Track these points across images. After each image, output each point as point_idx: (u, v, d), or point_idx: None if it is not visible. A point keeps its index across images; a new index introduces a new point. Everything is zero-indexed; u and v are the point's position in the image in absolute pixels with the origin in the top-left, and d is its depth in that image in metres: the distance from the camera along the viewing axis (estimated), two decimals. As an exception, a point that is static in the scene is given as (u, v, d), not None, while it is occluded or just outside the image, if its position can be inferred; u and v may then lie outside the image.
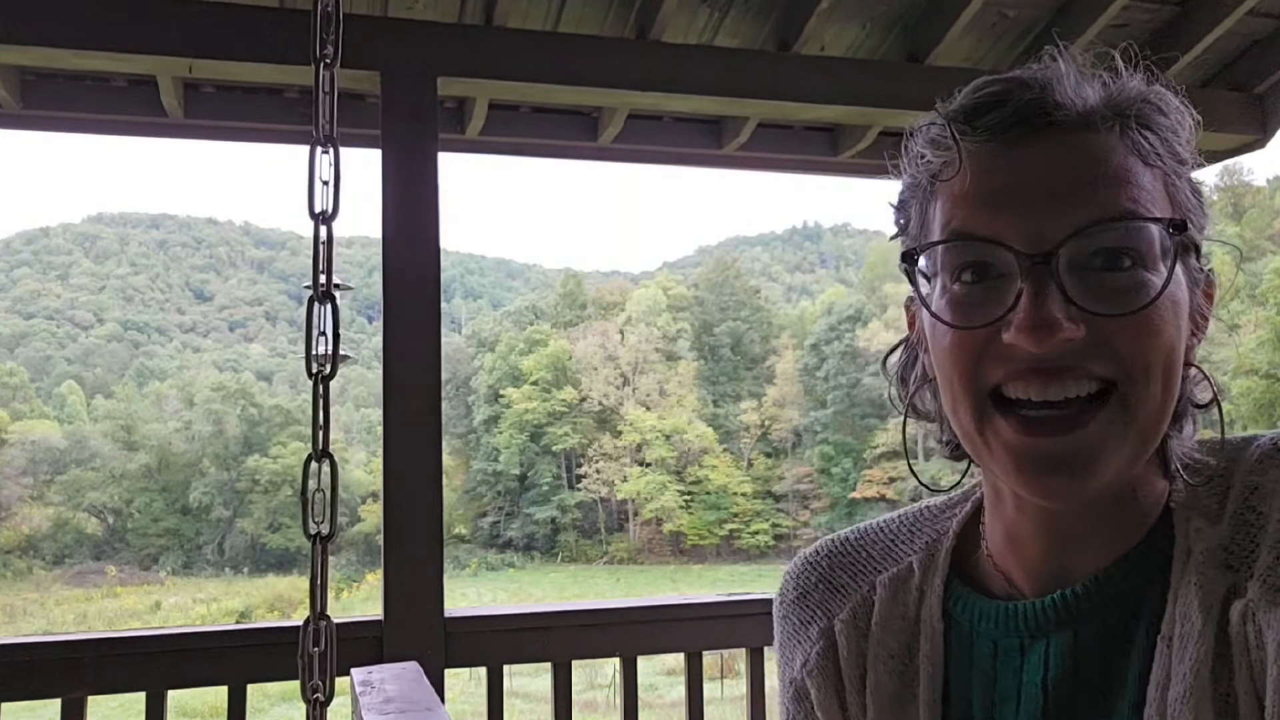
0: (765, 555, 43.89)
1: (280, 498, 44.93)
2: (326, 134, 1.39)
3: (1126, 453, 0.67)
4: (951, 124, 0.70)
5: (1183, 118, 0.72)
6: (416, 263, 2.28)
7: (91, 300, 72.07)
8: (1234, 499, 0.69)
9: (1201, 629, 0.65)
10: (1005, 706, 0.74)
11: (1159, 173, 0.69)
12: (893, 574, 0.83)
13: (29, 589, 37.96)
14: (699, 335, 52.12)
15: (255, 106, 2.60)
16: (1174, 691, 0.65)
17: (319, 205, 1.41)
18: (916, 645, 0.79)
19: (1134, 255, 0.66)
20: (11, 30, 2.14)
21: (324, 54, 1.42)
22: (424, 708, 0.95)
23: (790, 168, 3.16)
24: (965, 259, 0.69)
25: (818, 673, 0.84)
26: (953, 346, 0.69)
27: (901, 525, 0.87)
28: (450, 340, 55.67)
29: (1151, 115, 0.70)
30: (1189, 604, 0.66)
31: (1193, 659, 0.64)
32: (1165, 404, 0.68)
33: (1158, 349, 0.66)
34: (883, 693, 0.79)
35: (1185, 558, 0.68)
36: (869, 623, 0.82)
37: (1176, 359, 0.68)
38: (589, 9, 2.49)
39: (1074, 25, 2.68)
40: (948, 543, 0.82)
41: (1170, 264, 0.66)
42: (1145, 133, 0.69)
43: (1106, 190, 0.66)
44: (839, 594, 0.85)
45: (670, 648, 2.39)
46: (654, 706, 14.34)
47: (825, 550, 0.89)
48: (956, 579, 0.80)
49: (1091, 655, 0.71)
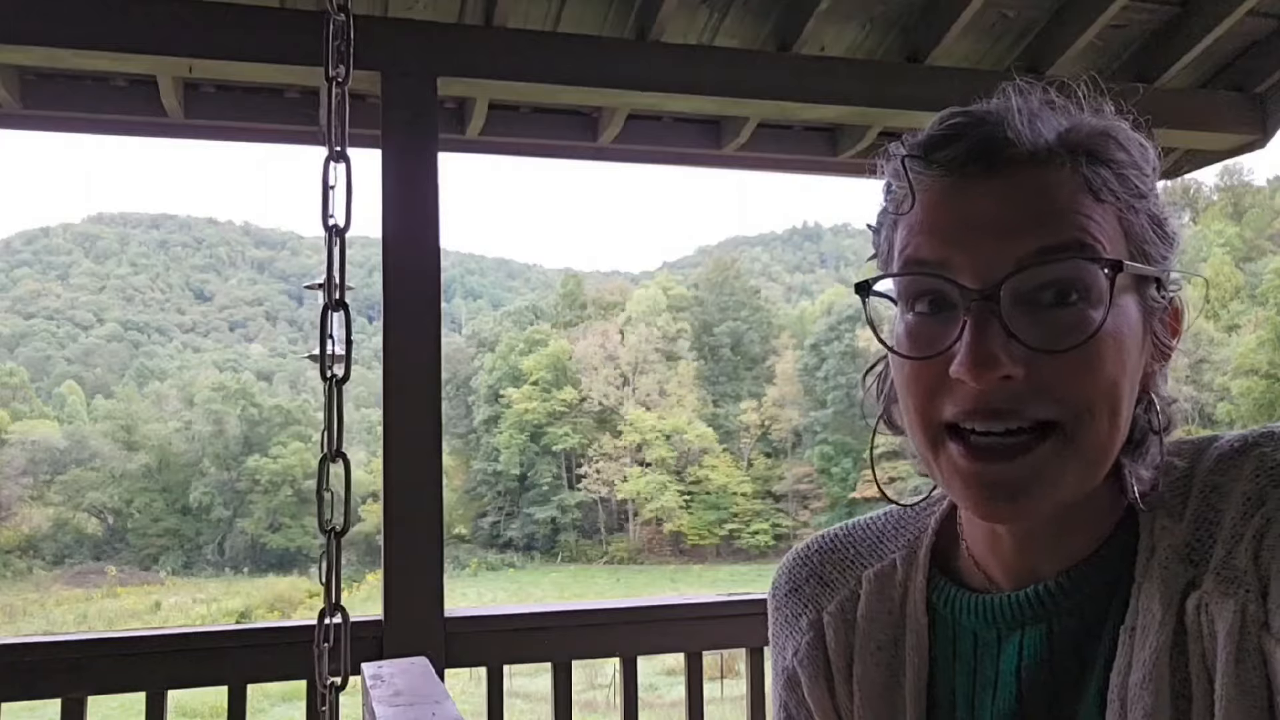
0: (765, 555, 43.91)
1: (280, 498, 44.98)
2: (339, 150, 1.43)
3: (1070, 480, 0.69)
4: (907, 159, 0.72)
5: (1144, 151, 0.73)
6: (416, 263, 2.28)
7: (92, 300, 72.12)
8: (1194, 498, 0.72)
9: (1161, 619, 0.68)
10: (984, 694, 0.77)
11: (1110, 208, 0.70)
12: (878, 569, 0.86)
13: (29, 589, 38.00)
14: (699, 335, 52.17)
15: (255, 106, 2.60)
16: (1134, 677, 0.68)
17: (332, 219, 1.45)
18: (902, 637, 0.82)
19: (1079, 290, 0.67)
20: (12, 30, 2.14)
21: (335, 73, 1.45)
22: (433, 700, 0.96)
23: (790, 168, 3.16)
24: (919, 289, 0.71)
25: (808, 662, 0.87)
26: (909, 376, 0.72)
27: (887, 522, 0.90)
28: (450, 340, 55.70)
29: (1107, 150, 0.71)
30: (1151, 597, 0.70)
31: (1152, 648, 0.68)
32: (1111, 436, 0.69)
33: (1098, 386, 0.67)
34: (870, 682, 0.83)
35: (1149, 554, 0.72)
36: (855, 615, 0.86)
37: (1120, 393, 0.69)
38: (589, 9, 2.49)
39: (1073, 26, 2.68)
40: (927, 539, 0.85)
41: (1109, 300, 0.67)
42: (1099, 168, 0.70)
43: (1053, 224, 0.67)
44: (828, 588, 0.89)
45: (670, 648, 2.39)
46: (654, 706, 14.36)
47: (816, 546, 0.93)
48: (939, 573, 0.83)
49: (1063, 646, 0.74)
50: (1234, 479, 0.70)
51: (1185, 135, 2.91)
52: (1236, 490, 0.70)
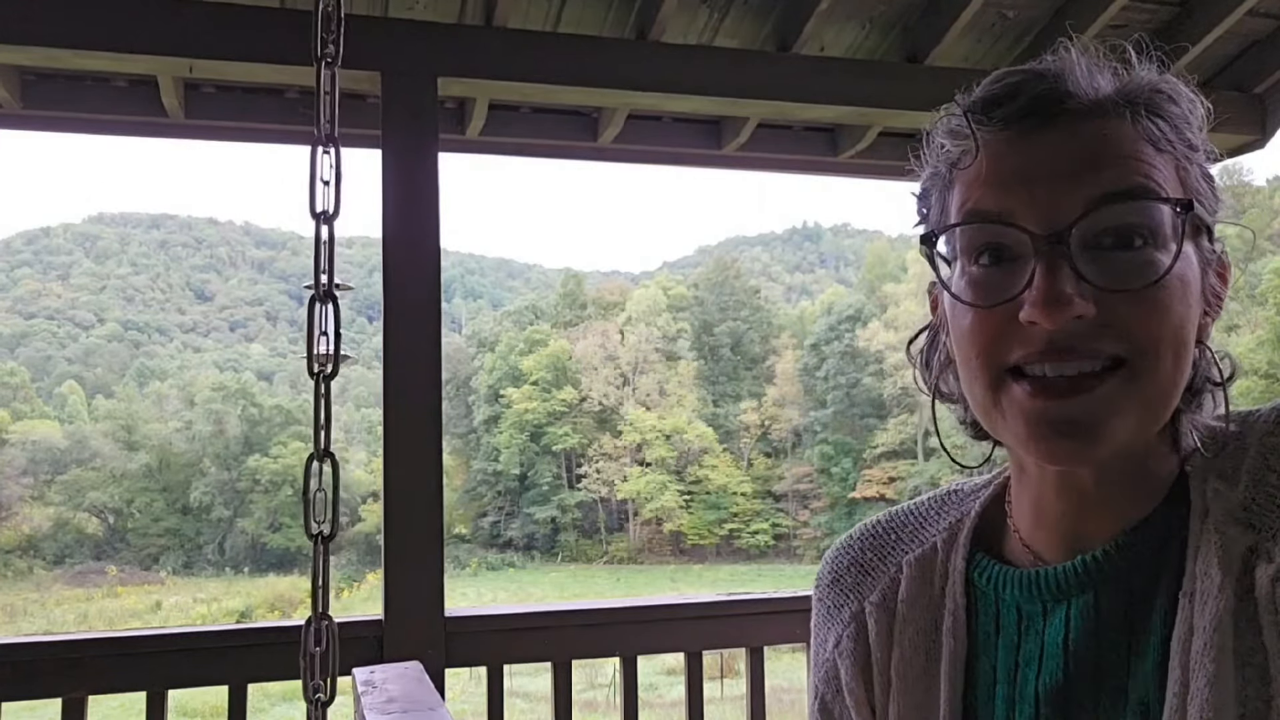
0: (765, 555, 43.88)
1: (281, 497, 44.91)
2: (328, 134, 1.39)
3: (1133, 420, 0.69)
4: (969, 114, 0.72)
5: (1194, 107, 0.74)
6: (417, 263, 2.28)
7: (92, 300, 72.08)
8: (1251, 460, 0.71)
9: (1221, 583, 0.67)
10: (1028, 669, 0.75)
11: (1170, 157, 0.71)
12: (918, 554, 0.86)
13: (29, 589, 37.96)
14: (699, 335, 52.12)
15: (255, 107, 2.60)
16: (1196, 644, 0.66)
17: (320, 205, 1.41)
18: (941, 620, 0.82)
19: (1145, 234, 0.68)
20: (12, 30, 2.14)
21: (325, 53, 1.42)
22: (426, 707, 0.95)
23: (790, 168, 3.16)
24: (982, 240, 0.72)
25: (848, 653, 0.87)
26: (972, 326, 0.72)
27: (930, 508, 0.90)
28: (450, 340, 55.68)
29: (1162, 104, 0.72)
30: (1209, 561, 0.68)
31: (1213, 613, 0.66)
32: (1175, 378, 0.69)
33: (1166, 326, 0.68)
34: (908, 667, 0.82)
35: (1203, 518, 0.70)
36: (896, 602, 0.85)
37: (1186, 336, 0.70)
38: (589, 9, 2.49)
39: (1073, 25, 2.67)
40: (970, 522, 0.85)
41: (1179, 242, 0.68)
42: (1156, 119, 0.71)
43: (1117, 169, 0.68)
44: (870, 577, 0.88)
45: (670, 647, 2.39)
46: (654, 706, 14.34)
47: (858, 535, 0.93)
48: (982, 554, 0.83)
49: (1112, 616, 0.73)
50: None
51: (1185, 135, 2.90)
52: None
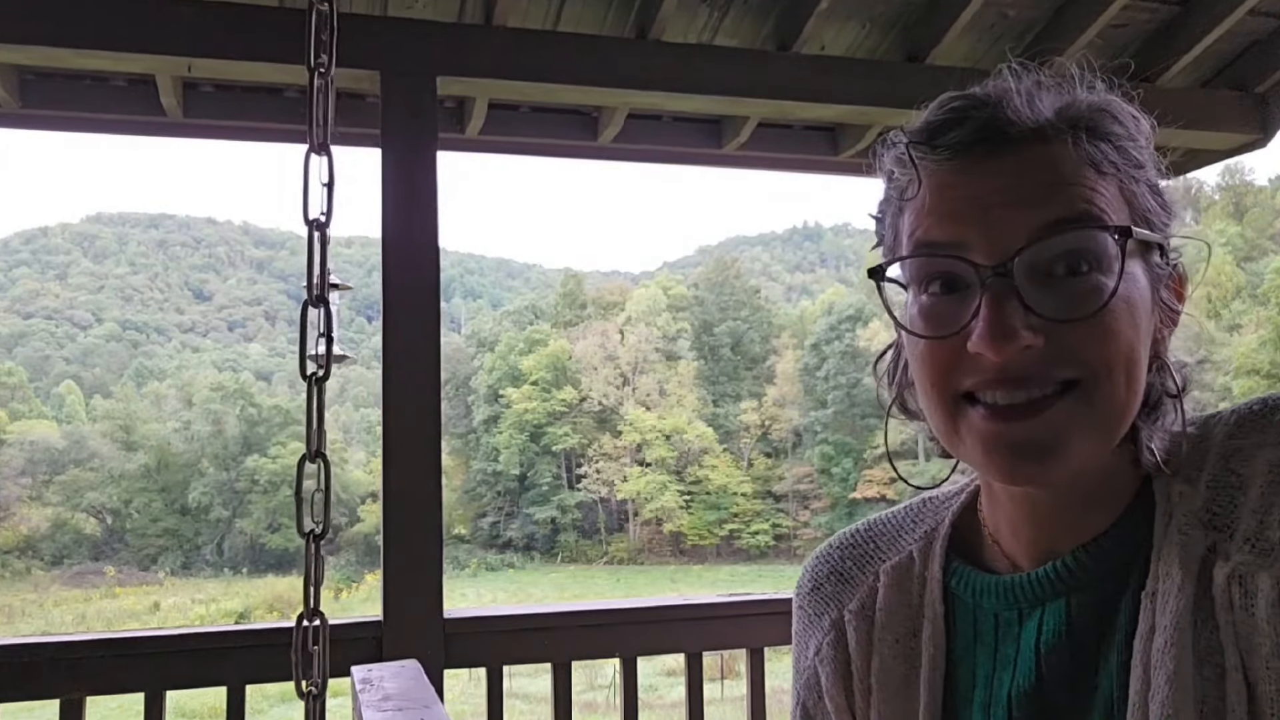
0: (765, 555, 43.90)
1: (279, 498, 44.91)
2: (321, 141, 1.41)
3: (1089, 440, 0.70)
4: (910, 145, 0.73)
5: (1138, 124, 0.75)
6: (416, 262, 2.28)
7: (90, 300, 72.09)
8: (1212, 462, 0.72)
9: (1181, 583, 0.68)
10: (1003, 673, 0.77)
11: (1113, 179, 0.71)
12: (895, 562, 0.87)
13: (27, 589, 37.96)
14: (699, 335, 52.15)
15: (254, 106, 2.59)
16: (1157, 642, 0.68)
17: (314, 211, 1.43)
18: (920, 628, 0.83)
19: (1089, 260, 0.69)
20: (10, 30, 2.14)
21: (318, 63, 1.43)
22: (422, 705, 0.95)
23: (790, 167, 3.15)
24: (931, 270, 0.72)
25: (828, 660, 0.88)
26: (924, 356, 0.73)
27: (906, 516, 0.91)
28: (450, 340, 55.70)
29: (1105, 124, 0.73)
30: (1170, 562, 0.70)
31: (1173, 612, 0.68)
32: (1128, 398, 0.70)
33: (1116, 349, 0.69)
34: (887, 675, 0.83)
35: (1167, 520, 0.72)
36: (875, 610, 0.86)
37: (1137, 356, 0.71)
38: (589, 9, 2.49)
39: (1074, 25, 2.67)
40: (944, 530, 0.86)
41: (1122, 266, 0.69)
42: (1099, 142, 0.72)
43: (1060, 198, 0.69)
44: (849, 585, 0.90)
45: (670, 648, 2.39)
46: (654, 707, 14.34)
47: (837, 544, 0.94)
48: (960, 561, 0.84)
49: (1082, 619, 0.74)
50: (1258, 443, 0.70)
51: (1186, 135, 2.90)
52: (1262, 456, 0.69)
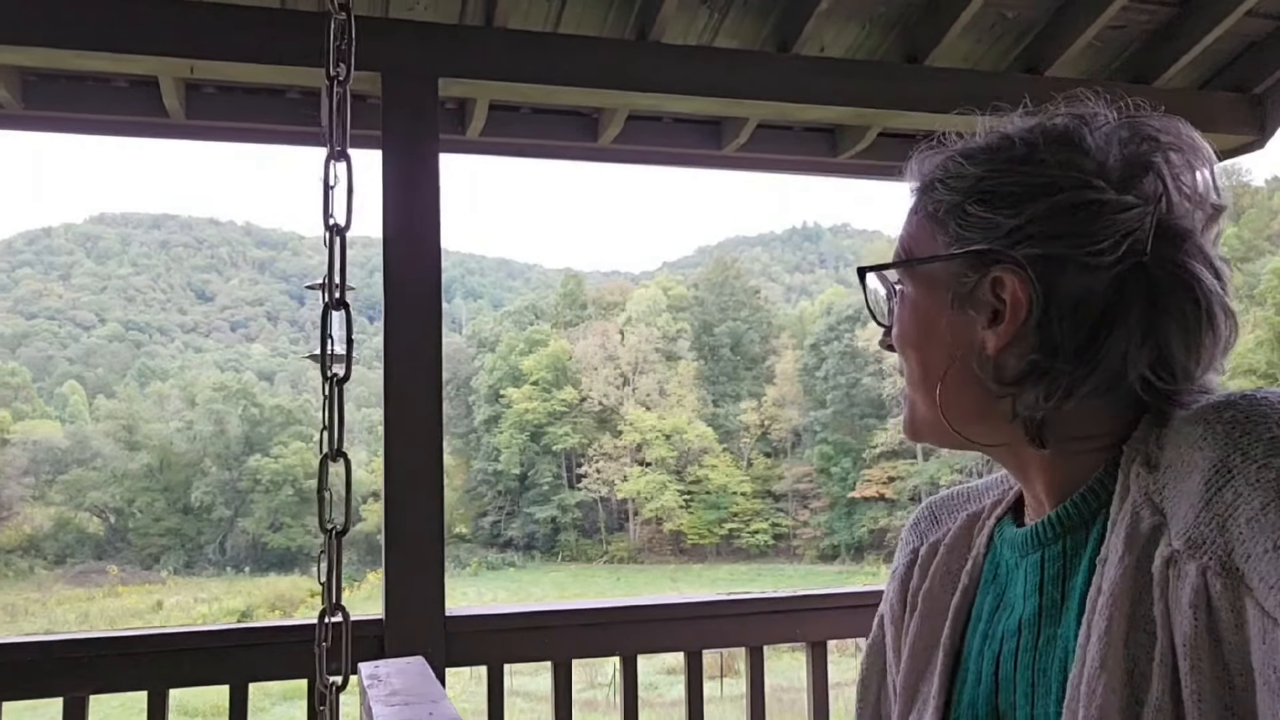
0: (765, 555, 43.89)
1: (281, 497, 44.95)
2: (340, 149, 1.43)
3: (912, 425, 0.94)
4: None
5: (990, 157, 0.87)
6: (417, 263, 2.29)
7: (93, 300, 72.13)
8: (1168, 448, 0.78)
9: (1122, 555, 0.77)
10: (1003, 612, 0.91)
11: (939, 227, 0.88)
12: (971, 511, 1.01)
13: (31, 589, 37.98)
14: (699, 335, 52.13)
15: (256, 107, 2.60)
16: (1100, 602, 0.77)
17: (335, 218, 1.46)
18: (965, 565, 0.97)
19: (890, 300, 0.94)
20: (13, 31, 2.14)
21: (336, 72, 1.46)
22: (429, 699, 0.97)
23: (790, 168, 3.16)
24: None
25: (898, 577, 1.04)
26: None
27: (999, 479, 1.03)
28: (451, 340, 55.66)
29: (937, 187, 0.88)
30: (1119, 535, 0.78)
31: (1113, 579, 0.76)
32: (923, 379, 0.90)
33: (903, 350, 0.92)
34: (931, 597, 0.98)
35: (1124, 495, 0.80)
36: (941, 545, 1.01)
37: (924, 363, 0.89)
38: (589, 10, 2.49)
39: (1072, 27, 2.68)
40: (1014, 492, 0.98)
41: (895, 297, 0.92)
42: (933, 198, 0.88)
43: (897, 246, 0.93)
44: (936, 525, 1.05)
45: (670, 647, 2.40)
46: (654, 705, 14.35)
47: (945, 494, 1.08)
48: (1010, 517, 0.96)
49: (1050, 574, 0.86)
50: (1207, 439, 0.75)
51: (1184, 135, 2.90)
52: (1207, 453, 0.74)
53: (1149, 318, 0.80)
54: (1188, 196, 0.82)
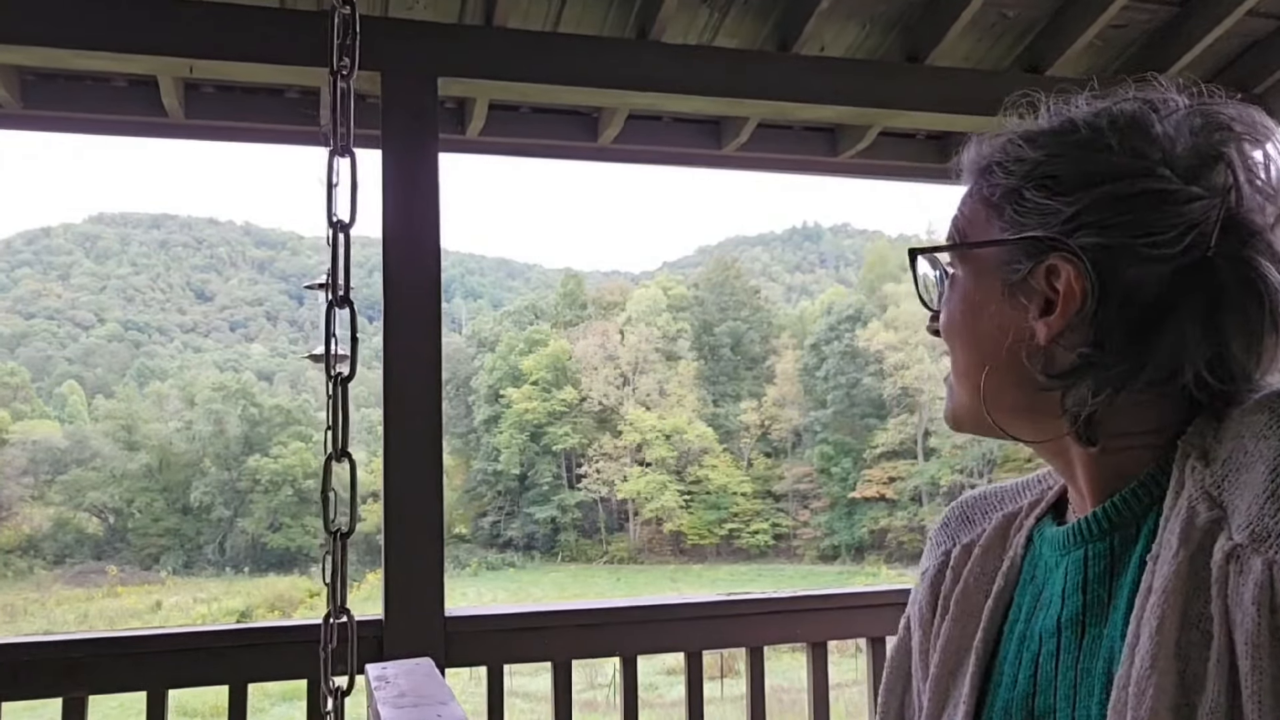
0: (765, 555, 43.88)
1: (281, 497, 44.93)
2: (343, 144, 1.42)
3: (955, 412, 0.91)
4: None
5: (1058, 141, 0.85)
6: (417, 263, 2.28)
7: (92, 300, 72.09)
8: (1227, 441, 0.75)
9: (1177, 551, 0.73)
10: (1040, 612, 0.87)
11: (995, 212, 0.86)
12: (1007, 511, 0.99)
13: (30, 589, 37.97)
14: (699, 335, 52.12)
15: (256, 107, 2.60)
16: (1151, 602, 0.73)
17: (337, 214, 1.45)
18: (1000, 566, 0.95)
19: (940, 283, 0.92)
20: (12, 30, 2.14)
21: (340, 66, 1.45)
22: (438, 701, 0.96)
23: (790, 168, 3.16)
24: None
25: (928, 578, 1.01)
26: None
27: (1034, 480, 1.01)
28: (450, 340, 55.64)
29: (996, 170, 0.85)
30: (1173, 531, 0.75)
31: (1165, 576, 0.73)
32: (968, 369, 0.87)
33: (954, 351, 0.89)
34: (965, 598, 0.95)
35: (1179, 490, 0.76)
36: (976, 546, 0.98)
37: (969, 348, 0.88)
38: (589, 9, 2.49)
39: (1073, 26, 2.68)
40: (1054, 491, 0.96)
41: (948, 281, 0.90)
42: (991, 181, 0.86)
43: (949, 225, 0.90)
44: (969, 525, 1.01)
45: (670, 647, 2.39)
46: (654, 706, 14.35)
47: (973, 494, 1.06)
48: (1051, 517, 0.94)
49: (1095, 572, 0.83)
50: (1273, 427, 0.72)
51: (1185, 135, 2.90)
52: (1273, 441, 0.71)
53: (1209, 315, 0.76)
54: (1260, 190, 0.79)
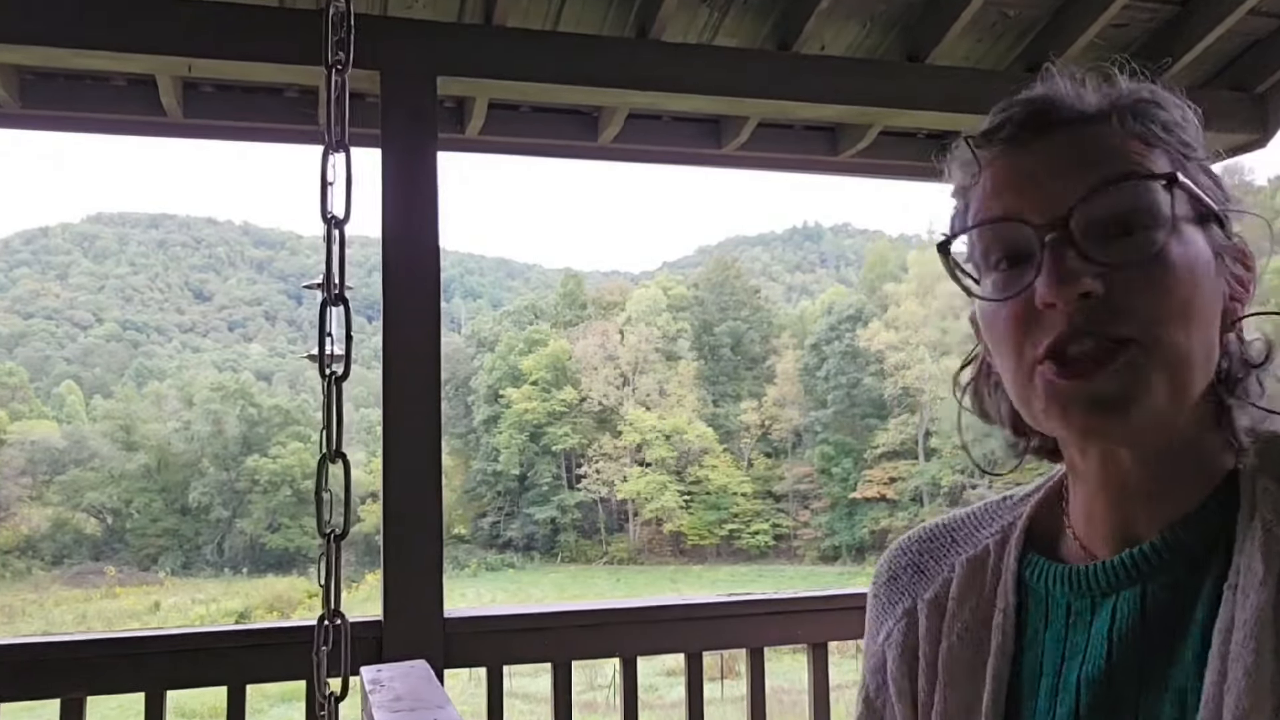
0: (765, 555, 43.88)
1: (280, 498, 44.92)
2: (338, 139, 1.41)
3: (1158, 392, 0.71)
4: (970, 142, 0.80)
5: (1185, 112, 0.78)
6: (416, 262, 2.28)
7: (90, 300, 72.06)
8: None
9: (1263, 577, 0.68)
10: (1072, 662, 0.77)
11: (1162, 151, 0.75)
12: (970, 555, 0.89)
13: (28, 589, 37.96)
14: (699, 335, 52.12)
15: (255, 106, 2.59)
16: (1237, 636, 0.67)
17: (331, 209, 1.44)
18: (991, 617, 0.84)
19: (1144, 217, 0.72)
20: (11, 29, 2.14)
21: (335, 60, 1.44)
22: (434, 705, 0.95)
23: (790, 168, 3.16)
24: (994, 245, 0.77)
25: (896, 645, 0.90)
26: (998, 324, 0.77)
27: (985, 513, 0.93)
28: (450, 340, 55.62)
29: (1148, 109, 0.76)
30: (1253, 556, 0.69)
31: (1254, 606, 0.67)
32: (1188, 350, 0.71)
33: (1171, 301, 0.71)
34: (956, 661, 0.85)
35: (1251, 514, 0.71)
36: (948, 599, 0.88)
37: (1193, 312, 0.72)
38: (589, 8, 2.49)
39: (1074, 25, 2.67)
40: (1022, 524, 0.87)
41: (1173, 220, 0.71)
42: (1146, 122, 0.75)
43: (1109, 161, 0.73)
44: (925, 577, 0.91)
45: (670, 648, 2.39)
46: (654, 707, 14.34)
47: (916, 536, 0.96)
48: (1035, 553, 0.85)
49: (1157, 608, 0.74)
50: None
51: (1186, 135, 2.90)
52: None
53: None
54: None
